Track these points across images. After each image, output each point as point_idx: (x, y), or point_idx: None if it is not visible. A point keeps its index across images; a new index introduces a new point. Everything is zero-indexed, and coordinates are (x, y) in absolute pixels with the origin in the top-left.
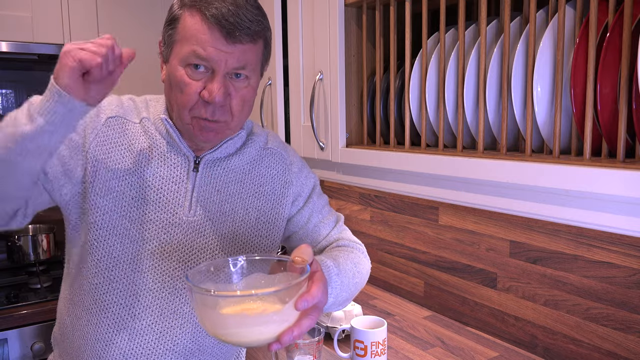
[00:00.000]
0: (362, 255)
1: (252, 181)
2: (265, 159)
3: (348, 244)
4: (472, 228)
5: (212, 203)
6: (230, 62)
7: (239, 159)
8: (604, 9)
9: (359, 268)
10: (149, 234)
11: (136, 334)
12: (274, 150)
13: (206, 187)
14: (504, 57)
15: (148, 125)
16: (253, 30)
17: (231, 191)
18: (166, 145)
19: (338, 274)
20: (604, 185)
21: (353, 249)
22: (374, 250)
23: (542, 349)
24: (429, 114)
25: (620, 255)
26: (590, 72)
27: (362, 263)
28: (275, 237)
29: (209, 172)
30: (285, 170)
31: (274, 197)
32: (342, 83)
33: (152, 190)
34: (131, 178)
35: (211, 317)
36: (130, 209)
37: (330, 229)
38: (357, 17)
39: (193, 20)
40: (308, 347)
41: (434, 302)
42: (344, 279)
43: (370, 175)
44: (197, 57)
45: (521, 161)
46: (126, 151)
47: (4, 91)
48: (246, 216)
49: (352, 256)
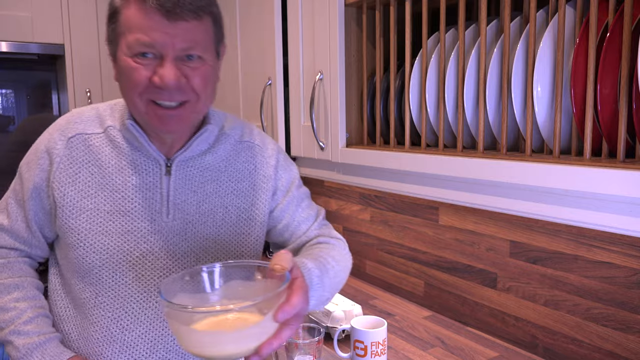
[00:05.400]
0: (343, 251)
1: (229, 178)
2: (242, 154)
3: (328, 240)
4: (472, 228)
5: (189, 205)
6: (177, 43)
7: (213, 156)
8: (604, 9)
9: (341, 265)
10: (129, 245)
11: (127, 346)
12: (251, 144)
13: (182, 190)
14: (504, 57)
15: (114, 134)
16: (195, 5)
17: (208, 191)
18: (134, 152)
19: (320, 276)
20: (604, 185)
21: (334, 246)
22: (374, 250)
23: (542, 349)
24: (429, 114)
25: (621, 255)
26: (590, 72)
27: (344, 260)
28: (258, 234)
29: (183, 174)
30: (263, 164)
31: (253, 193)
32: (342, 83)
33: (127, 200)
34: (103, 193)
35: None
36: (107, 223)
37: (310, 223)
38: (357, 17)
39: (133, 9)
40: (308, 347)
41: (434, 302)
42: (326, 280)
43: (370, 175)
44: (142, 44)
45: (521, 161)
46: (94, 167)
47: (4, 91)
48: (226, 215)
49: (334, 254)
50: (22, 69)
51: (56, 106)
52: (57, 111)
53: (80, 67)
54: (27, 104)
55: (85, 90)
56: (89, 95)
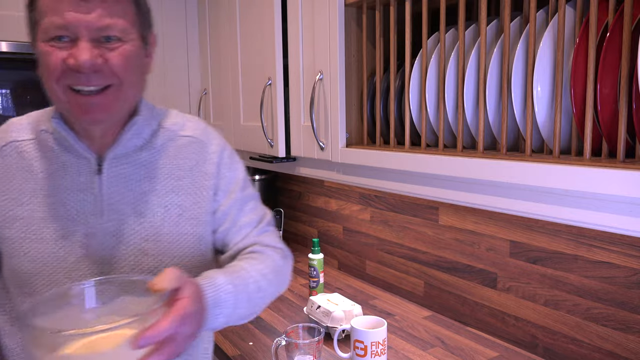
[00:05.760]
0: (277, 263)
1: (168, 175)
2: (182, 150)
3: (263, 250)
4: (472, 228)
5: (125, 205)
6: (91, 22)
7: (150, 152)
8: (604, 9)
9: (267, 279)
10: (64, 251)
11: None
12: (192, 139)
13: (115, 189)
14: (504, 57)
15: (46, 137)
16: None
17: (144, 189)
18: (65, 153)
19: (233, 292)
20: (604, 185)
21: (267, 257)
22: (374, 250)
23: (542, 349)
24: (429, 114)
25: (621, 255)
26: (590, 72)
27: (276, 272)
28: (203, 234)
29: (116, 172)
30: (204, 161)
31: (194, 191)
32: (342, 83)
33: (60, 205)
34: (37, 199)
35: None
36: (41, 230)
37: (250, 229)
38: (357, 17)
39: None
40: (308, 347)
41: (434, 302)
42: (243, 296)
43: (370, 175)
44: (56, 27)
45: (521, 161)
46: (26, 173)
47: (4, 91)
48: (166, 214)
49: (262, 266)
50: (22, 69)
51: None
52: None
53: None
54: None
55: None
56: None
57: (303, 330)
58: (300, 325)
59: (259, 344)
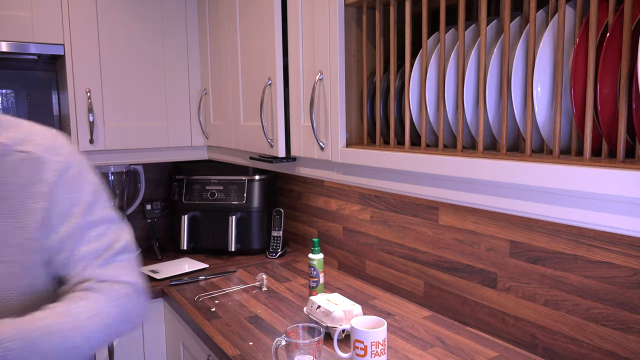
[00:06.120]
0: (108, 304)
1: None
2: (14, 167)
3: (95, 287)
4: (472, 228)
5: None
6: None
7: None
8: (604, 9)
9: (81, 325)
10: None
11: None
12: (27, 155)
13: None
14: (504, 57)
15: None
16: None
17: None
18: None
19: (25, 347)
20: (604, 185)
21: (91, 300)
22: (374, 250)
23: (542, 349)
24: (429, 114)
25: (621, 256)
26: (590, 72)
27: (101, 316)
28: (30, 264)
29: None
30: (37, 180)
31: (21, 214)
32: (342, 83)
33: None
34: None
35: None
36: None
37: (88, 261)
38: (357, 17)
39: None
40: (308, 347)
41: (434, 302)
42: (42, 347)
43: (370, 175)
44: None
45: (521, 161)
46: None
47: (4, 91)
48: None
49: (78, 310)
50: (22, 69)
51: (56, 106)
52: (57, 111)
53: (80, 67)
54: (27, 104)
55: (85, 90)
56: (89, 95)
57: (303, 330)
58: (300, 325)
59: (259, 344)
